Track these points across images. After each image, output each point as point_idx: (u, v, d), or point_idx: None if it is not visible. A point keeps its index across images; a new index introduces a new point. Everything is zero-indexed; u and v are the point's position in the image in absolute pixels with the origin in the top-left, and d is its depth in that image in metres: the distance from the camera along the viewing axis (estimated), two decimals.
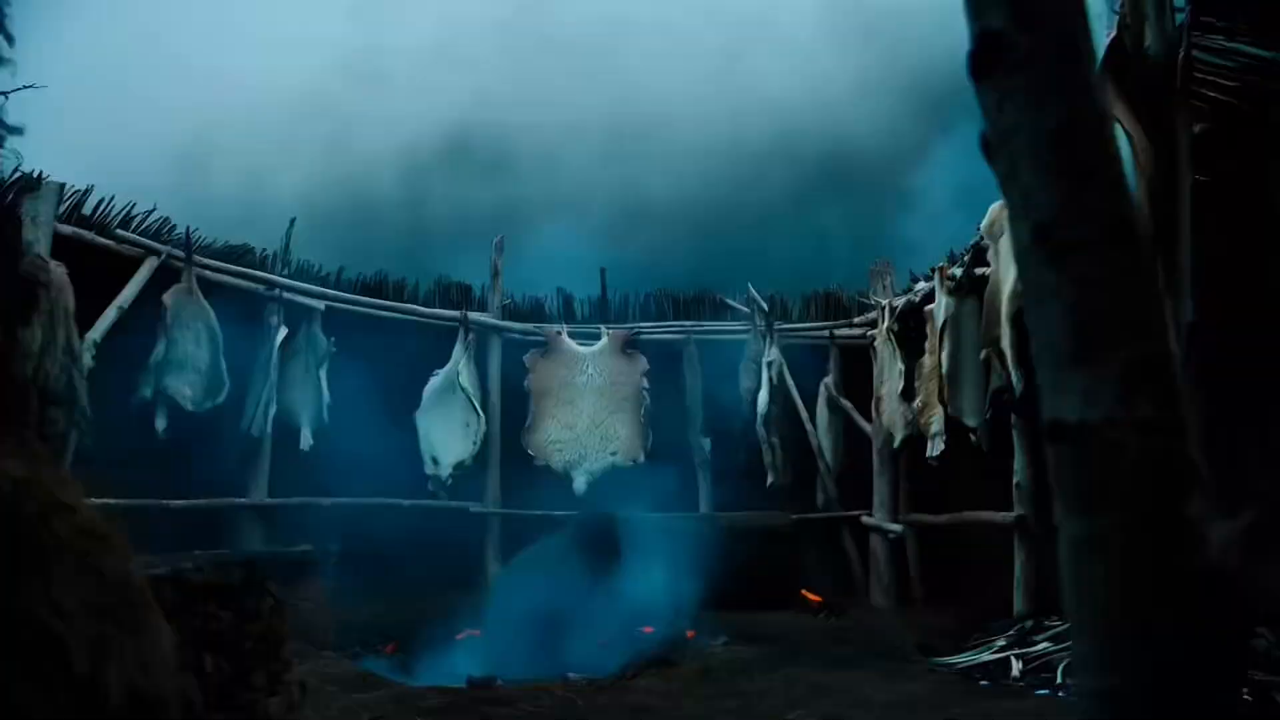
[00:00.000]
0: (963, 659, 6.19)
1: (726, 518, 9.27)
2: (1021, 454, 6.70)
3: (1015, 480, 6.71)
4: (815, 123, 16.94)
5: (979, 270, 7.27)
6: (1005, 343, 5.97)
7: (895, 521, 9.24)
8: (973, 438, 7.37)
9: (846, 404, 10.06)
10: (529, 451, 10.13)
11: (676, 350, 10.54)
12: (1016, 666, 5.79)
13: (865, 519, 9.56)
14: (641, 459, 10.12)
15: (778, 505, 9.93)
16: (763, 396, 9.89)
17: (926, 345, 8.13)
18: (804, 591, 8.85)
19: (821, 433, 10.10)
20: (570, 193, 15.74)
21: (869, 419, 9.73)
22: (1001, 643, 6.14)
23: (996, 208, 6.47)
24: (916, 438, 8.58)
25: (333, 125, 16.02)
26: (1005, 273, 6.24)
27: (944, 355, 7.41)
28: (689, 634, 7.61)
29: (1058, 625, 6.18)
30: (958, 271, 7.65)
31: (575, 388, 10.34)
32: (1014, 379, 5.92)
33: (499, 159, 16.33)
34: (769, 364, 10.01)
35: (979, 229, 7.22)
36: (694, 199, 16.29)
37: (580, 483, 10.03)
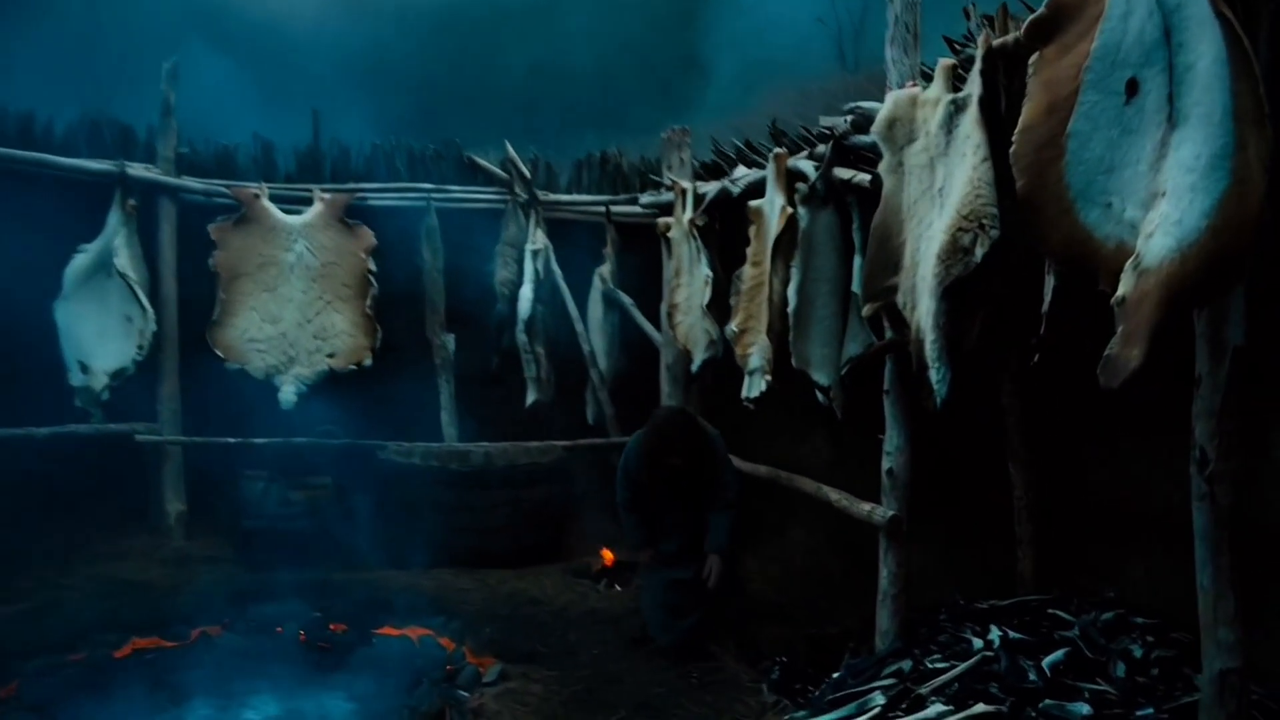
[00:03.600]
0: None
1: (483, 452, 7.21)
2: (898, 433, 4.99)
3: (886, 466, 5.02)
4: None
5: (843, 175, 5.35)
6: (926, 319, 4.10)
7: None
8: (820, 397, 5.61)
9: (625, 299, 8.08)
10: (218, 353, 7.55)
11: (413, 221, 8.11)
12: None
13: None
14: (368, 362, 7.78)
15: (540, 425, 7.99)
16: (525, 294, 7.75)
17: (749, 253, 6.21)
18: (595, 554, 7.06)
19: (593, 333, 8.12)
20: None
21: (655, 322, 7.82)
22: (880, 701, 4.54)
23: (904, 97, 4.49)
24: (721, 361, 6.77)
25: None
26: (918, 208, 4.32)
27: (791, 289, 5.53)
28: (447, 645, 5.63)
29: (944, 668, 4.64)
30: (806, 166, 5.70)
31: (279, 269, 7.76)
32: (934, 374, 4.09)
33: None
34: (534, 252, 7.84)
35: (848, 117, 5.26)
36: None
37: (289, 393, 7.61)
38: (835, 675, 4.96)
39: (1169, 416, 5.04)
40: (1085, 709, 4.19)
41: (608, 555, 7.02)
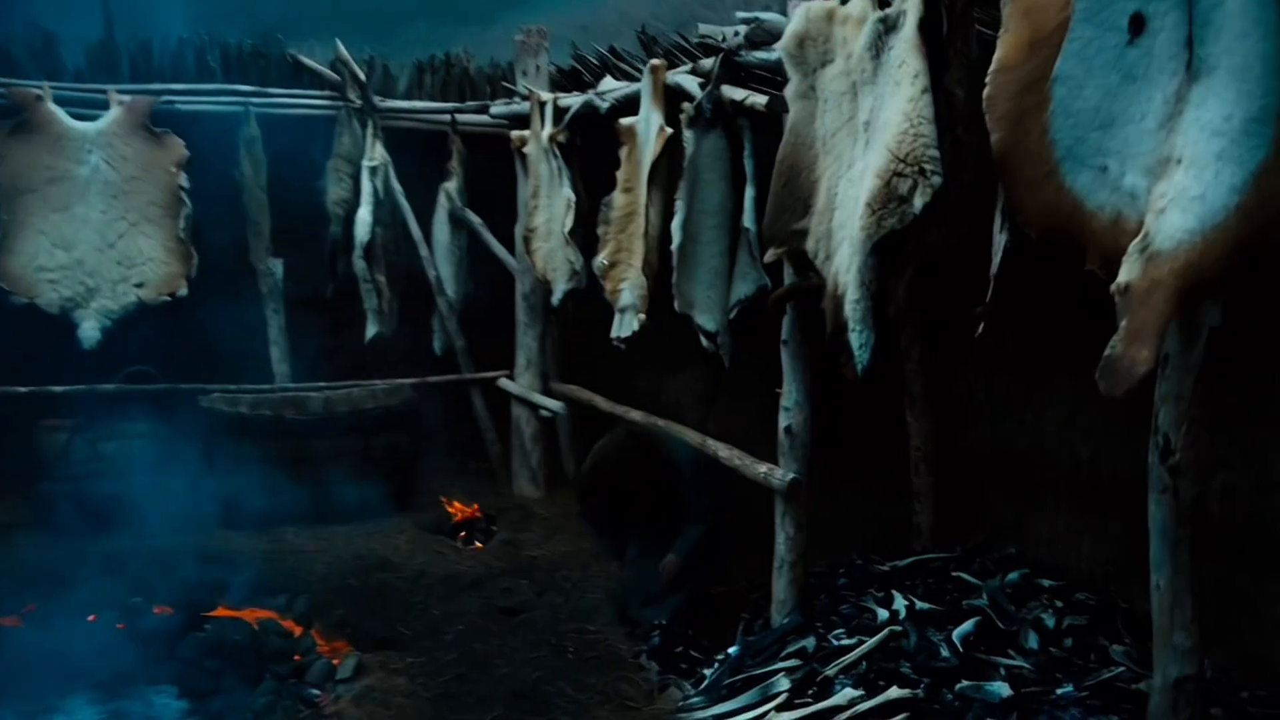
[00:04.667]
0: (733, 709, 4.14)
1: (322, 398, 6.43)
2: (797, 388, 4.52)
3: (784, 423, 4.55)
4: None
5: (734, 95, 4.74)
6: (848, 275, 3.57)
7: (549, 394, 6.90)
8: (706, 343, 5.09)
9: (474, 220, 7.33)
10: (1, 285, 6.48)
11: (230, 129, 7.09)
12: None
13: (505, 383, 7.11)
14: (183, 292, 6.80)
15: (383, 360, 7.24)
16: (363, 216, 6.88)
17: (620, 177, 5.57)
18: (450, 504, 6.44)
19: (440, 257, 7.35)
20: None
21: (509, 245, 7.13)
22: (785, 685, 4.15)
23: (817, 11, 3.87)
24: (585, 291, 6.18)
25: None
26: (836, 142, 3.77)
27: (676, 224, 4.93)
28: (293, 629, 4.96)
29: (850, 645, 4.27)
30: (689, 83, 5.07)
31: (72, 184, 6.63)
32: (856, 338, 3.57)
33: None
34: (372, 169, 6.97)
35: (739, 29, 4.65)
36: None
37: (90, 330, 6.58)
38: (731, 652, 4.56)
39: (1082, 368, 4.76)
40: (1004, 690, 3.90)
41: (453, 509, 6.44)
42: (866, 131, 3.57)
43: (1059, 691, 3.90)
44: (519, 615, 5.19)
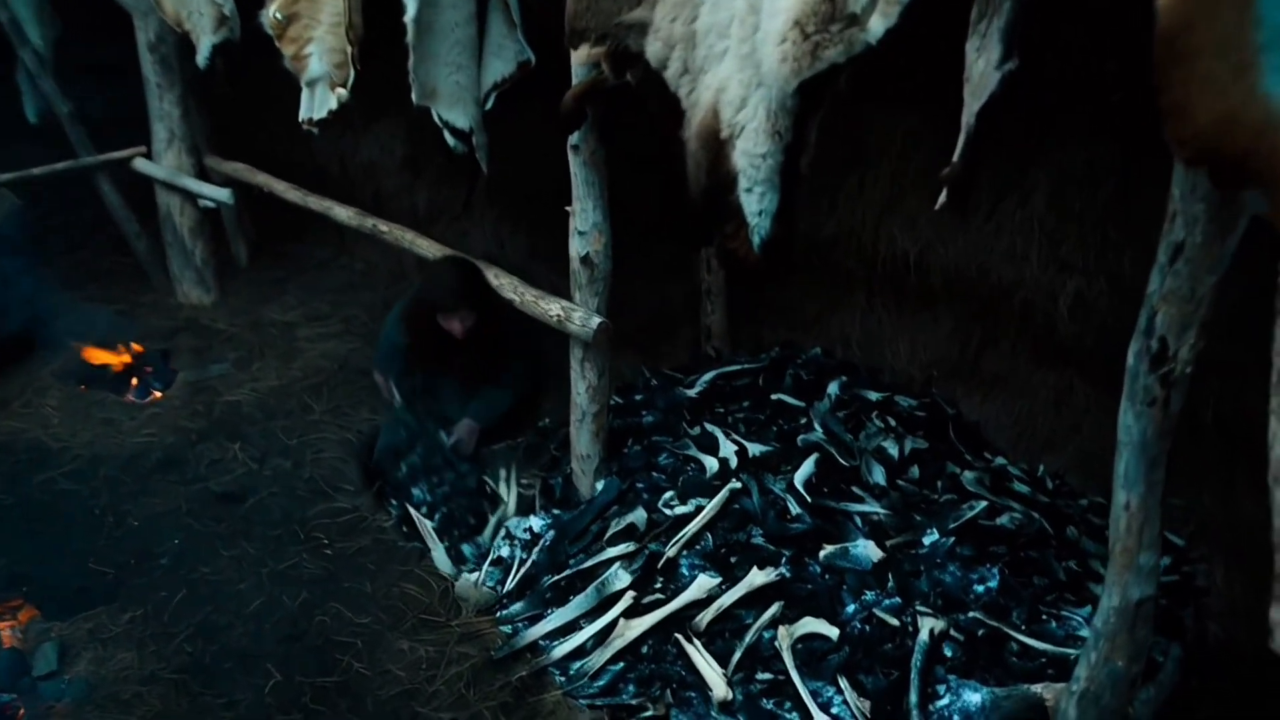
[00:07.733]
0: (570, 619, 3.35)
1: None
2: (594, 207, 3.44)
3: (580, 251, 3.48)
4: None
5: None
6: (745, 113, 2.45)
7: (206, 177, 5.26)
8: (454, 143, 3.83)
9: None
10: None
11: None
12: (718, 674, 3.13)
13: (142, 164, 5.32)
14: None
15: None
16: None
17: None
18: (89, 353, 4.85)
19: None
20: None
21: None
22: (625, 579, 3.39)
23: None
24: (242, 48, 4.60)
25: None
26: None
27: None
28: None
29: (687, 514, 3.59)
30: None
31: None
32: (754, 201, 2.51)
33: None
34: None
35: None
36: None
37: None
38: (537, 528, 3.73)
39: (911, 148, 4.03)
40: (873, 552, 3.41)
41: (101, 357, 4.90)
42: None
43: (927, 542, 3.48)
44: (245, 502, 4.03)
